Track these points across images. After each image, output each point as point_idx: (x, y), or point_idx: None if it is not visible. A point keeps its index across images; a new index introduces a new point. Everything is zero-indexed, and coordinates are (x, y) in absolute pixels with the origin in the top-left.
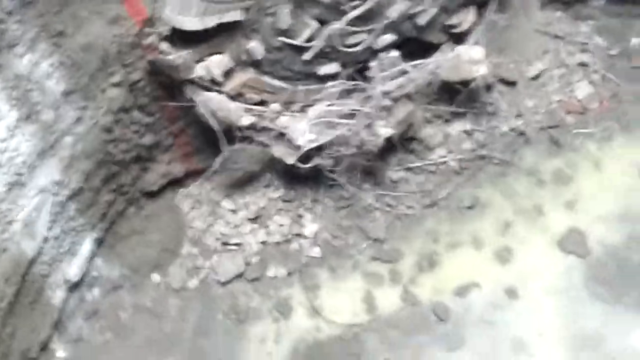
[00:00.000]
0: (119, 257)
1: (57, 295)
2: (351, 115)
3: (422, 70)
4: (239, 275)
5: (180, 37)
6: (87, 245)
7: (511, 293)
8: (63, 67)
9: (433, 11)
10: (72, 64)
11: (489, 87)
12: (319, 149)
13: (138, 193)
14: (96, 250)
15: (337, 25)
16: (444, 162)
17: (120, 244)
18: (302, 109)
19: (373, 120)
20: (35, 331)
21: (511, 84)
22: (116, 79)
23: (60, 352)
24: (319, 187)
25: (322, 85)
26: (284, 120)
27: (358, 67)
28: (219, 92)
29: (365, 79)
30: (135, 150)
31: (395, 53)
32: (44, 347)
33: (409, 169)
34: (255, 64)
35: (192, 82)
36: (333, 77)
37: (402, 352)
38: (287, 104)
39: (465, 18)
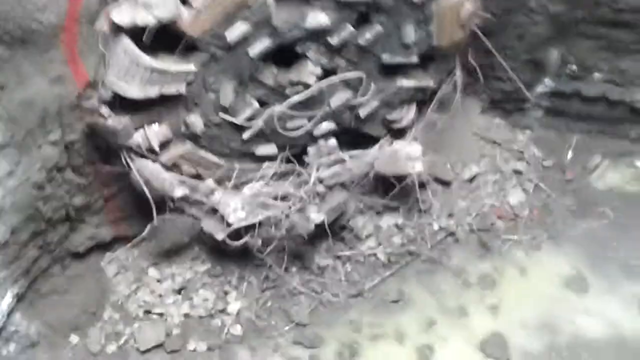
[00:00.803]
0: (38, 314)
1: None
2: (284, 198)
3: (359, 161)
4: (159, 346)
5: (120, 103)
6: (7, 299)
7: None
8: (0, 120)
9: (374, 104)
10: (9, 118)
11: (423, 185)
12: (249, 228)
13: (64, 252)
14: (16, 305)
15: (278, 108)
16: (373, 254)
17: (40, 301)
18: (236, 187)
19: (305, 205)
20: None
21: (445, 183)
22: (53, 137)
23: None
24: (246, 265)
25: (258, 165)
26: (217, 196)
27: (295, 151)
28: (155, 161)
29: (302, 163)
30: (64, 210)
31: (333, 141)
32: None
33: (337, 257)
34: (194, 138)
35: (128, 148)
36: (270, 158)
37: None
38: (222, 180)
39: (406, 115)
